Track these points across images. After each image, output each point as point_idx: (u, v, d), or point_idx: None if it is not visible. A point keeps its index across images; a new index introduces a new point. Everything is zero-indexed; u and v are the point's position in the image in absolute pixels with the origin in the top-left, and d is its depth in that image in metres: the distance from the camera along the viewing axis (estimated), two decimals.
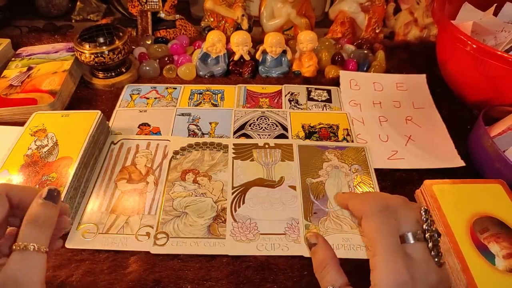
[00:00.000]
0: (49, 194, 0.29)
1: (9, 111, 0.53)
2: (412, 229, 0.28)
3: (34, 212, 0.28)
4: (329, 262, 0.30)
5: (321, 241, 0.33)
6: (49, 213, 0.29)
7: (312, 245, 0.33)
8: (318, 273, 0.31)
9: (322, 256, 0.31)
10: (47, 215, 0.28)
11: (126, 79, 0.61)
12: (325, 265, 0.30)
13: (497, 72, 0.49)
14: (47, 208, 0.29)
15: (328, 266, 0.30)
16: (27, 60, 0.61)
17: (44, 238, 0.27)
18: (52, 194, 0.29)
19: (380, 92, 0.61)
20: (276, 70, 0.63)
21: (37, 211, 0.28)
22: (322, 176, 0.47)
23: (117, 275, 0.37)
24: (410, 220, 0.29)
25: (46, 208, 0.28)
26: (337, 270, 0.30)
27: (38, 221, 0.28)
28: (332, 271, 0.30)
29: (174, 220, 0.42)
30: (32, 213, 0.28)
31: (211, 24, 0.74)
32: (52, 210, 0.29)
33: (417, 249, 0.28)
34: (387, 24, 0.78)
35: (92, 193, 0.44)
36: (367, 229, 0.29)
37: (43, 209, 0.28)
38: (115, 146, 0.50)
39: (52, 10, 0.84)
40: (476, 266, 0.35)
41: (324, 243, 0.32)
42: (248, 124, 0.54)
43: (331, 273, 0.30)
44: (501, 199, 0.41)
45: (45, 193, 0.29)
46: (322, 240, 0.33)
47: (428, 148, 0.51)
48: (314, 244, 0.33)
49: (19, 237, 0.27)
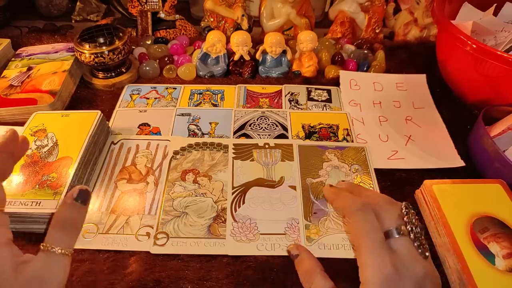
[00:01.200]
0: (80, 195, 0.28)
1: (9, 111, 0.53)
2: (395, 224, 0.29)
3: (63, 216, 0.28)
4: (314, 270, 0.31)
5: (302, 251, 0.34)
6: (78, 215, 0.29)
7: (294, 257, 0.34)
8: (305, 282, 0.32)
9: (307, 266, 0.32)
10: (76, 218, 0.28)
11: (126, 79, 0.61)
12: (310, 274, 0.31)
13: (497, 72, 0.49)
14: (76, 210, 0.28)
15: (313, 275, 0.31)
16: (27, 60, 0.61)
17: (71, 241, 0.28)
18: (83, 195, 0.29)
19: (380, 92, 0.61)
20: (276, 70, 0.63)
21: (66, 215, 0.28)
22: (322, 176, 0.47)
23: (117, 275, 0.37)
24: (392, 216, 0.30)
25: (75, 210, 0.28)
26: (322, 276, 0.31)
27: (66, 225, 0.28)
28: (318, 277, 0.31)
29: (174, 220, 0.42)
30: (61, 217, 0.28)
31: (211, 24, 0.74)
32: (81, 211, 0.29)
33: (401, 243, 0.28)
34: (387, 24, 0.78)
35: (92, 193, 0.44)
36: (350, 228, 0.30)
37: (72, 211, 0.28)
38: (115, 146, 0.50)
39: (52, 10, 0.84)
40: (476, 266, 0.35)
41: (306, 253, 0.33)
42: (248, 124, 0.54)
43: (317, 280, 0.30)
44: (501, 199, 0.41)
45: (76, 193, 0.28)
46: (303, 250, 0.34)
47: (428, 148, 0.51)
48: (296, 256, 0.34)
49: (47, 238, 0.27)
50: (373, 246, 0.28)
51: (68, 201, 0.28)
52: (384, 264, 0.27)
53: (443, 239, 0.38)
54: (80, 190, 0.29)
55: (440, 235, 0.39)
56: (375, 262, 0.27)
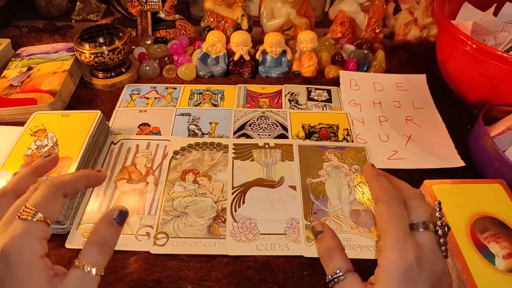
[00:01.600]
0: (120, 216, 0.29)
1: (9, 111, 0.53)
2: (422, 218, 0.29)
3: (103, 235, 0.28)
4: (335, 249, 0.31)
5: (326, 229, 0.33)
6: (115, 236, 0.29)
7: (317, 233, 0.33)
8: (324, 259, 0.31)
9: (328, 243, 0.32)
10: (113, 238, 0.28)
11: (126, 79, 0.61)
12: (331, 252, 0.31)
13: (497, 72, 0.49)
14: (115, 230, 0.29)
15: (333, 253, 0.31)
16: (27, 60, 0.61)
17: (105, 261, 0.27)
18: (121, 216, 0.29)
19: (380, 92, 0.61)
20: (276, 70, 0.63)
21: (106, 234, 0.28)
22: (322, 176, 0.47)
23: (117, 275, 0.37)
24: (422, 211, 0.30)
25: (113, 230, 0.29)
26: (343, 256, 0.30)
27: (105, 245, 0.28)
28: (338, 257, 0.30)
29: (174, 220, 0.42)
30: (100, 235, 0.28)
31: (211, 24, 0.74)
32: (117, 232, 0.29)
33: (425, 237, 0.28)
34: (387, 24, 0.78)
35: (92, 193, 0.44)
36: (379, 215, 0.30)
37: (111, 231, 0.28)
38: (115, 146, 0.50)
39: (52, 10, 0.84)
40: (476, 266, 0.35)
41: (330, 231, 0.33)
42: (248, 124, 0.54)
43: (337, 259, 0.30)
44: (501, 199, 0.41)
45: (116, 214, 0.29)
46: (327, 228, 0.33)
47: (428, 148, 0.51)
48: (320, 232, 0.33)
49: (84, 256, 0.27)
50: (399, 233, 0.28)
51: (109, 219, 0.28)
52: (407, 252, 0.27)
53: None
54: (120, 211, 0.29)
55: None
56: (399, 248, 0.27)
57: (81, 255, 0.27)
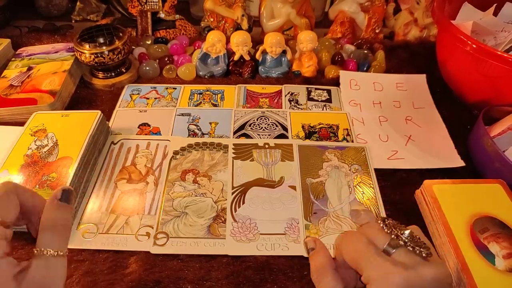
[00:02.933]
0: (64, 195, 0.29)
1: (9, 111, 0.53)
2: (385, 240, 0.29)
3: (52, 217, 0.28)
4: (326, 268, 0.31)
5: (319, 246, 0.33)
6: (66, 215, 0.28)
7: (310, 250, 0.34)
8: (315, 278, 0.31)
9: (319, 262, 0.32)
10: (64, 218, 0.28)
11: (126, 79, 0.61)
12: (322, 271, 0.31)
13: (497, 72, 0.49)
14: (63, 210, 0.28)
15: (324, 272, 0.31)
16: (27, 60, 0.61)
17: (63, 241, 0.27)
18: (66, 195, 0.29)
19: (380, 92, 0.61)
20: (276, 70, 0.63)
21: (54, 216, 0.28)
22: (322, 176, 0.47)
23: (117, 275, 0.37)
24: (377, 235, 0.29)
25: (62, 211, 0.28)
26: (333, 276, 0.30)
27: (56, 226, 0.27)
28: (329, 277, 0.30)
29: (174, 220, 0.42)
30: (49, 219, 0.28)
31: (211, 24, 0.74)
32: (67, 211, 0.29)
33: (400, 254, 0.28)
34: (387, 24, 0.79)
35: (92, 193, 0.44)
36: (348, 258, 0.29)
37: (59, 212, 0.28)
38: (115, 146, 0.50)
39: (52, 10, 0.84)
40: (476, 266, 0.35)
41: (322, 248, 0.33)
42: (248, 124, 0.54)
43: (327, 279, 0.30)
44: (501, 199, 0.41)
45: (60, 194, 0.29)
46: (320, 246, 0.33)
47: (428, 148, 0.51)
48: (312, 249, 0.33)
49: (39, 243, 0.26)
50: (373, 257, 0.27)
51: (53, 203, 0.28)
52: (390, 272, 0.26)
53: (443, 239, 0.38)
54: (63, 190, 0.29)
55: (440, 235, 0.39)
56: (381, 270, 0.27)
57: (37, 244, 0.27)
